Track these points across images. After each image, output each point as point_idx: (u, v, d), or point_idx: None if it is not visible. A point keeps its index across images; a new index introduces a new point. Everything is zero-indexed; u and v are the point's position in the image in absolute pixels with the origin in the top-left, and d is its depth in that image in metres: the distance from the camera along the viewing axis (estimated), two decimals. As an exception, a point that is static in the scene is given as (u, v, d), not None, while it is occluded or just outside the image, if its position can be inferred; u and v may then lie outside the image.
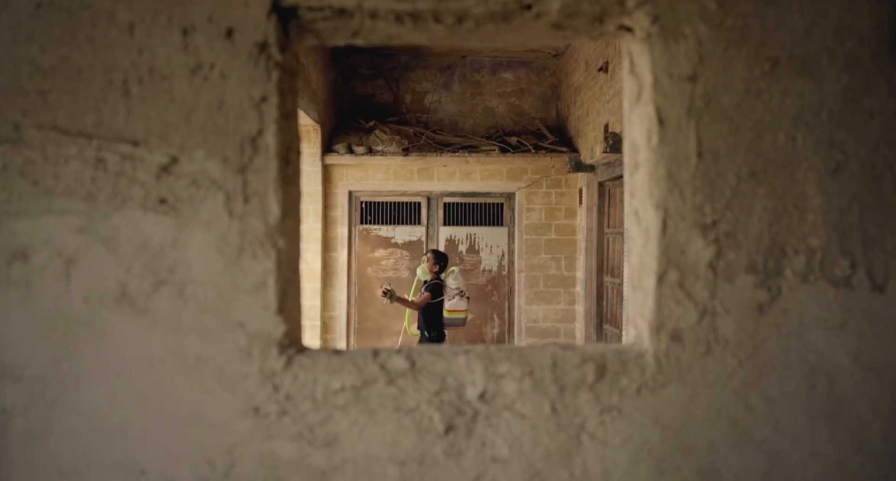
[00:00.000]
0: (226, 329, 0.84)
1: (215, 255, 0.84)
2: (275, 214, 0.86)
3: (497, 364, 0.87)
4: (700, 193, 0.86)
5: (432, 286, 5.78)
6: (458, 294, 5.82)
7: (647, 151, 0.88)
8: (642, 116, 0.89)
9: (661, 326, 0.86)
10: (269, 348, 0.85)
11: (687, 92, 0.86)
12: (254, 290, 0.85)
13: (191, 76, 0.84)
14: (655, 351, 0.86)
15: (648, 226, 0.89)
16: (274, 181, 0.86)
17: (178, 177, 0.84)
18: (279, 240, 0.86)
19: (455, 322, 5.90)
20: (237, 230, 0.85)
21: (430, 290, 5.76)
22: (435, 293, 5.77)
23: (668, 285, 0.87)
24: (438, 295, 5.77)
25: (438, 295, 5.77)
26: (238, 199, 0.85)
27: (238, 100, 0.85)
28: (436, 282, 5.81)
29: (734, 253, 0.86)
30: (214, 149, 0.84)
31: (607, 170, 5.96)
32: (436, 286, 5.79)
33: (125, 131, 0.82)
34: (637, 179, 0.92)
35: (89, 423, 0.82)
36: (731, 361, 0.85)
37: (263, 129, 0.86)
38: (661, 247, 0.87)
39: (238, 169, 0.85)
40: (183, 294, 0.84)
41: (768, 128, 0.85)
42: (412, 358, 0.88)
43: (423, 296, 5.75)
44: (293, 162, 0.91)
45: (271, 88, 0.86)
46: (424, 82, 7.79)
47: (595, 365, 0.87)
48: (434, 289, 5.77)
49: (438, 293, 5.77)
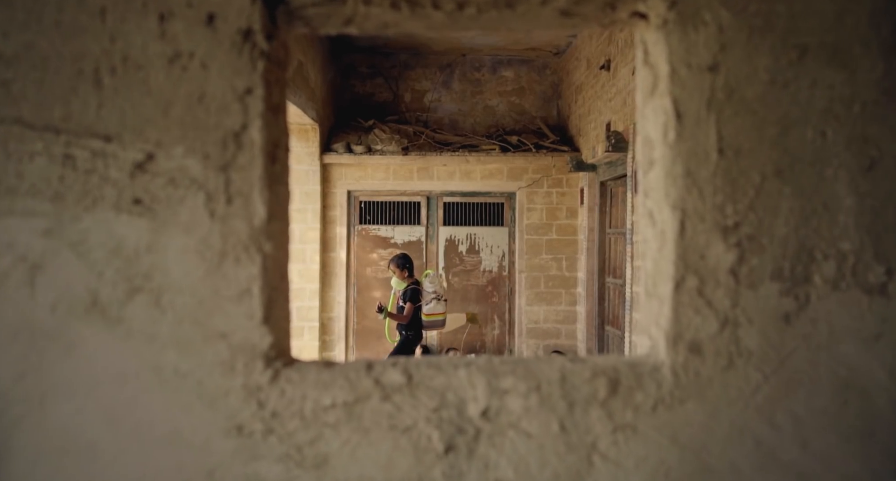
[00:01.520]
0: (207, 340, 0.78)
1: (195, 261, 0.78)
2: (260, 216, 0.80)
3: (501, 378, 0.81)
4: (721, 193, 0.80)
5: (410, 293, 5.77)
6: (434, 298, 5.78)
7: (664, 148, 0.81)
8: (658, 110, 0.83)
9: (679, 337, 0.80)
10: (253, 361, 0.79)
11: (707, 83, 0.79)
12: (237, 298, 0.79)
13: (168, 66, 0.77)
14: (672, 364, 0.80)
15: (664, 229, 0.82)
16: (259, 180, 0.80)
17: (154, 176, 0.77)
18: (265, 244, 0.80)
19: (434, 324, 5.89)
20: (219, 233, 0.78)
21: (410, 299, 5.75)
22: (414, 299, 5.75)
23: (686, 292, 0.80)
24: (417, 300, 5.76)
25: (417, 300, 5.76)
26: (220, 200, 0.78)
27: (220, 92, 0.78)
28: (412, 287, 5.78)
29: (758, 258, 0.79)
30: (194, 145, 0.78)
31: (609, 169, 5.90)
32: (414, 291, 5.77)
33: (96, 125, 0.76)
34: (652, 178, 0.85)
35: (56, 443, 0.75)
36: (756, 375, 0.78)
37: (248, 124, 0.79)
38: (678, 251, 0.80)
39: (220, 166, 0.78)
40: (160, 302, 0.77)
41: (795, 122, 0.78)
42: (409, 371, 0.81)
43: (408, 308, 5.74)
44: (281, 159, 0.85)
45: (256, 79, 0.79)
46: (424, 81, 7.72)
47: (607, 380, 0.80)
48: (413, 296, 5.76)
49: (417, 298, 5.75)
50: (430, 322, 5.82)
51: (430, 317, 5.76)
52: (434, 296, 5.78)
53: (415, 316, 5.78)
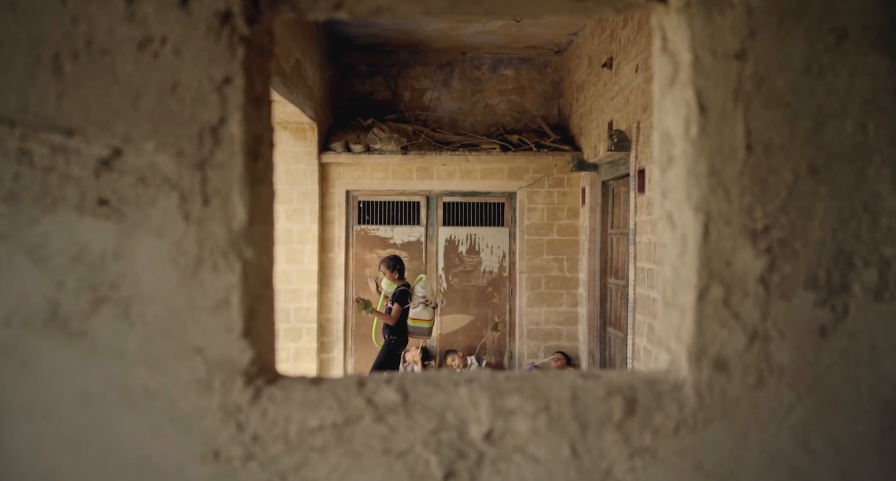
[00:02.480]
0: (180, 356, 0.70)
1: (168, 268, 0.70)
2: (240, 218, 0.72)
3: (506, 397, 0.73)
4: (749, 193, 0.72)
5: (398, 294, 5.64)
6: (422, 302, 5.61)
7: (685, 144, 0.74)
8: (678, 102, 0.75)
9: (703, 352, 0.72)
10: (232, 378, 0.71)
11: (733, 72, 0.72)
12: (214, 309, 0.71)
13: (138, 52, 0.69)
14: (696, 381, 0.72)
15: (686, 233, 0.75)
16: (239, 179, 0.72)
17: (122, 174, 0.69)
18: (245, 250, 0.72)
19: (419, 331, 5.67)
20: (194, 237, 0.71)
21: (398, 300, 5.62)
22: (402, 301, 5.62)
23: (711, 303, 0.72)
24: (405, 302, 5.63)
25: (405, 302, 5.63)
26: (196, 200, 0.71)
27: (196, 81, 0.71)
28: (402, 289, 5.66)
29: (790, 265, 0.72)
30: (167, 139, 0.70)
31: (611, 168, 5.82)
32: (402, 293, 5.65)
33: (57, 118, 0.68)
34: (671, 177, 0.78)
35: (11, 471, 0.68)
36: (789, 395, 0.71)
37: (226, 117, 0.72)
38: (701, 258, 0.73)
39: (196, 164, 0.71)
40: (128, 314, 0.69)
41: (832, 114, 0.71)
42: (405, 389, 0.74)
43: (395, 309, 5.60)
44: (264, 156, 0.77)
45: (236, 68, 0.72)
46: (424, 79, 7.64)
47: (623, 399, 0.73)
48: (401, 297, 5.63)
49: (405, 300, 5.63)
50: (414, 327, 5.63)
51: (415, 321, 5.58)
52: (422, 301, 5.61)
53: (402, 320, 5.64)
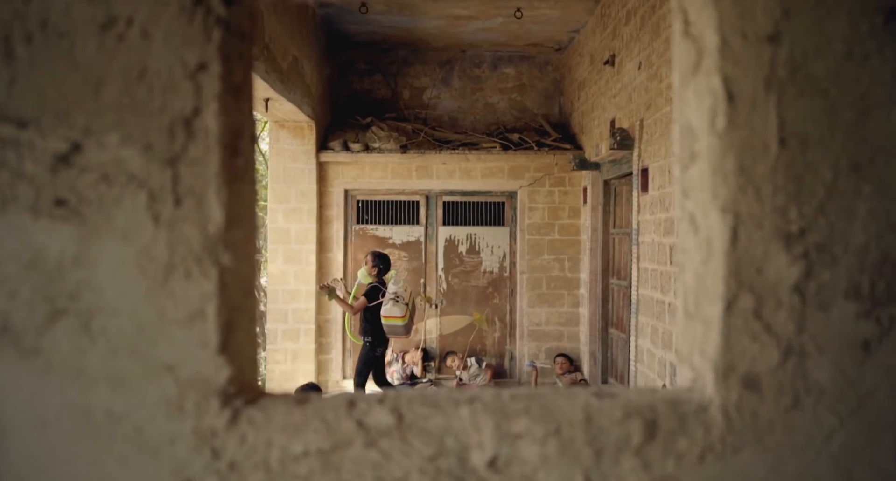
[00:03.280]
0: (148, 375, 0.63)
1: (135, 276, 0.63)
2: (216, 221, 0.65)
3: (512, 419, 0.66)
4: (782, 193, 0.65)
5: (369, 289, 5.55)
6: (392, 299, 5.47)
7: (710, 138, 0.67)
8: (703, 91, 0.68)
9: (731, 369, 0.65)
10: (207, 399, 0.64)
11: (766, 57, 0.64)
12: (187, 322, 0.64)
13: (100, 34, 0.62)
14: (723, 402, 0.65)
15: (711, 236, 0.67)
16: (216, 176, 0.65)
17: (82, 171, 0.62)
18: (223, 255, 0.65)
19: (394, 330, 5.53)
20: (165, 242, 0.63)
21: (366, 294, 5.53)
22: (371, 296, 5.52)
23: (740, 314, 0.65)
24: (374, 298, 5.52)
25: (374, 298, 5.52)
26: (166, 201, 0.64)
27: (166, 67, 0.63)
28: (374, 285, 5.57)
29: (829, 272, 0.64)
30: (133, 132, 0.63)
31: (613, 167, 5.74)
32: (373, 289, 5.55)
33: (7, 107, 0.61)
34: (693, 175, 0.70)
35: (-43, 506, 0.60)
36: (829, 418, 0.63)
37: (201, 108, 0.64)
38: (729, 265, 0.65)
39: (166, 160, 0.64)
40: (89, 328, 0.62)
41: (878, 104, 0.63)
42: (399, 410, 0.66)
43: (360, 301, 5.52)
44: (244, 152, 0.70)
45: (212, 53, 0.64)
46: (423, 77, 7.57)
47: (642, 421, 0.65)
48: (370, 293, 5.53)
49: (374, 296, 5.52)
50: (388, 326, 5.52)
51: (387, 319, 5.47)
52: (392, 297, 5.47)
53: (377, 321, 5.54)
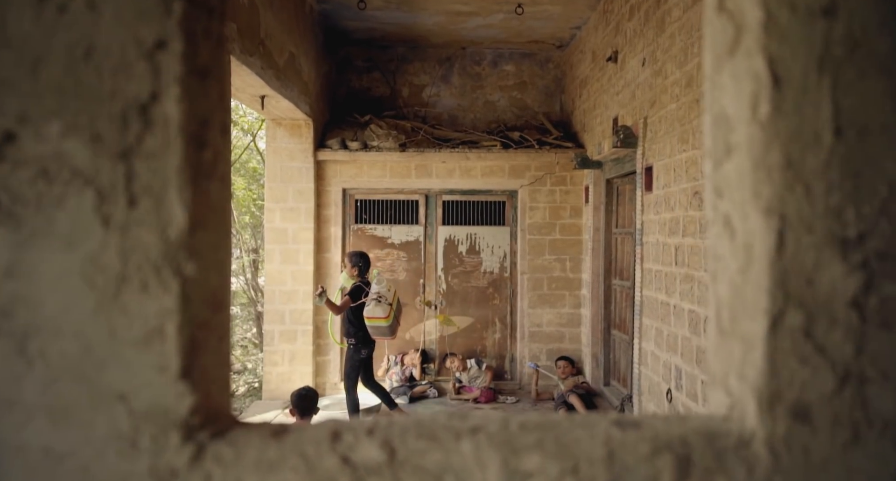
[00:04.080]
0: (96, 405, 0.54)
1: (80, 289, 0.54)
2: (178, 223, 0.56)
3: (522, 455, 0.57)
4: (838, 191, 0.56)
5: (353, 289, 5.43)
6: (374, 299, 5.32)
7: (752, 127, 0.57)
8: (742, 74, 0.59)
9: (777, 397, 0.56)
10: (166, 433, 0.55)
11: (818, 33, 0.55)
12: (143, 342, 0.55)
13: (37, 5, 0.53)
14: (768, 435, 0.56)
15: (752, 242, 0.58)
16: (177, 172, 0.56)
17: (16, 166, 0.53)
18: (186, 264, 0.56)
19: (378, 331, 5.39)
20: (117, 248, 0.54)
21: (350, 294, 5.40)
22: (354, 296, 5.39)
23: (787, 333, 0.56)
24: (357, 297, 5.39)
25: (357, 297, 5.39)
26: (118, 201, 0.55)
27: (117, 44, 0.54)
28: (358, 285, 5.44)
29: (893, 284, 0.55)
30: (78, 120, 0.54)
31: (616, 166, 5.65)
32: (356, 289, 5.42)
33: (-74, 91, 0.51)
34: (730, 171, 0.61)
35: None
36: (894, 455, 0.54)
37: (160, 92, 0.55)
38: (774, 275, 0.56)
39: (118, 153, 0.54)
40: (24, 351, 0.53)
41: (952, 88, 0.54)
42: (391, 444, 0.57)
43: (344, 300, 5.38)
44: (213, 144, 0.61)
45: (172, 28, 0.55)
46: (423, 75, 7.47)
47: (673, 458, 0.56)
48: (354, 292, 5.41)
49: (357, 296, 5.40)
50: (371, 327, 5.38)
51: (370, 320, 5.32)
52: (375, 298, 5.32)
53: (361, 323, 5.42)
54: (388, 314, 5.32)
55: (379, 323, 5.31)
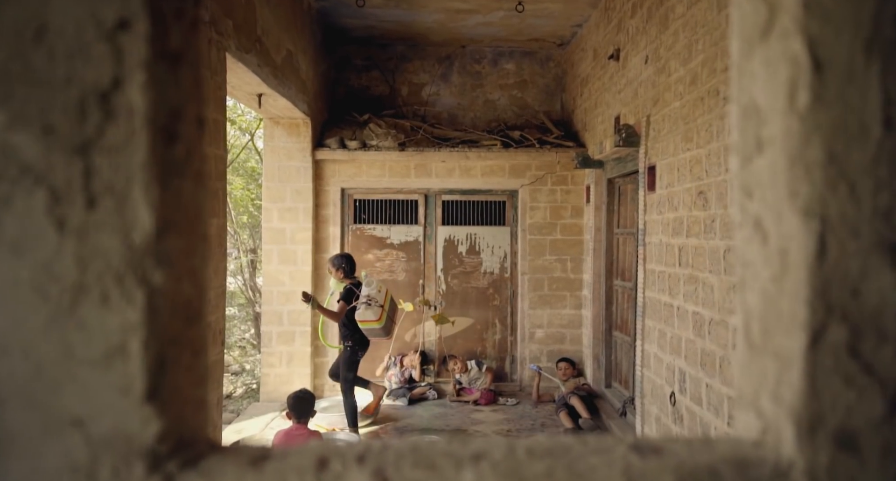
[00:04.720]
0: (48, 432, 0.48)
1: (31, 301, 0.48)
2: (144, 227, 0.49)
3: (531, 487, 0.50)
4: (887, 191, 0.49)
5: (345, 292, 5.35)
6: (364, 303, 5.22)
7: (788, 119, 0.51)
8: (777, 59, 0.52)
9: (819, 422, 0.50)
10: (128, 463, 0.48)
11: (867, 11, 0.49)
12: (103, 361, 0.49)
13: (-20, -22, 0.47)
14: (809, 466, 0.49)
15: (787, 247, 0.52)
16: (143, 169, 0.50)
17: (-44, 162, 0.46)
18: (153, 272, 0.50)
19: (372, 333, 5.30)
20: (73, 256, 0.48)
21: (343, 298, 5.33)
22: (346, 299, 5.32)
23: (830, 349, 0.50)
24: (349, 301, 5.32)
25: (349, 301, 5.32)
26: (75, 201, 0.48)
27: (72, 24, 0.48)
28: (349, 287, 5.36)
29: (951, 295, 0.49)
30: (27, 110, 0.48)
31: (618, 165, 5.59)
32: (348, 291, 5.35)
33: None
34: (761, 168, 0.55)
35: None
36: (953, 491, 0.48)
37: (122, 79, 0.49)
38: (814, 284, 0.50)
39: (75, 147, 0.48)
40: (-34, 372, 0.46)
41: None
42: (384, 473, 0.51)
43: (340, 306, 5.29)
44: (185, 138, 0.54)
45: (136, 7, 0.49)
46: (422, 74, 7.41)
47: (702, 490, 0.50)
48: (346, 296, 5.33)
49: (349, 299, 5.32)
50: (365, 330, 5.29)
51: (362, 324, 5.23)
52: (365, 301, 5.23)
53: (354, 325, 5.33)
54: (379, 316, 5.23)
55: (371, 325, 5.23)
